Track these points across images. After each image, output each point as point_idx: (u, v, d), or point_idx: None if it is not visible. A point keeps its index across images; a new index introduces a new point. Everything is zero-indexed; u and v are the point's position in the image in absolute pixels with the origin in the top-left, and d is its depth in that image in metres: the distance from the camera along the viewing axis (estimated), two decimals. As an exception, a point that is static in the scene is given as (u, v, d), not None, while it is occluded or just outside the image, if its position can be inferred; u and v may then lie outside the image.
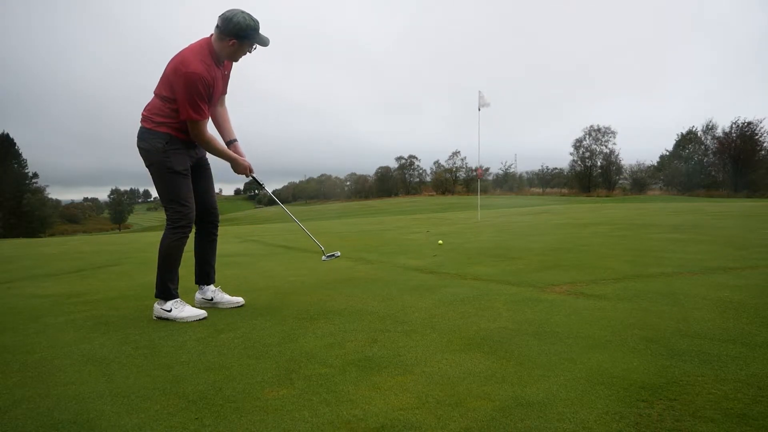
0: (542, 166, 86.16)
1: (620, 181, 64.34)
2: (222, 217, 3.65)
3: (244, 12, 3.07)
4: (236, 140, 3.48)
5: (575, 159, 64.84)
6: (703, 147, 55.88)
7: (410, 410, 1.79)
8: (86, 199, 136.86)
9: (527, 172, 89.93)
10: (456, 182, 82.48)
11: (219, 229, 3.61)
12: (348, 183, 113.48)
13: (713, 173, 53.30)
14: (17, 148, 60.73)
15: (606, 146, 62.96)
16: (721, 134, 52.02)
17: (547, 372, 2.10)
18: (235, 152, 3.40)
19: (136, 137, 3.21)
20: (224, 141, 3.45)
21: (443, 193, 76.36)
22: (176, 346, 2.65)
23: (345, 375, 2.15)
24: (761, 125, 48.32)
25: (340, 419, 1.74)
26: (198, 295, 3.55)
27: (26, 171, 61.53)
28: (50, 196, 69.83)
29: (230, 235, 11.48)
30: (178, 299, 3.24)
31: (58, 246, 10.99)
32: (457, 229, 10.21)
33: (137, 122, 3.23)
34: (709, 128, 54.61)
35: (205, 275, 3.53)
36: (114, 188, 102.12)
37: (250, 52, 3.22)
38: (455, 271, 4.72)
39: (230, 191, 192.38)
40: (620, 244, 6.44)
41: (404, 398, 1.90)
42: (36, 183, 63.01)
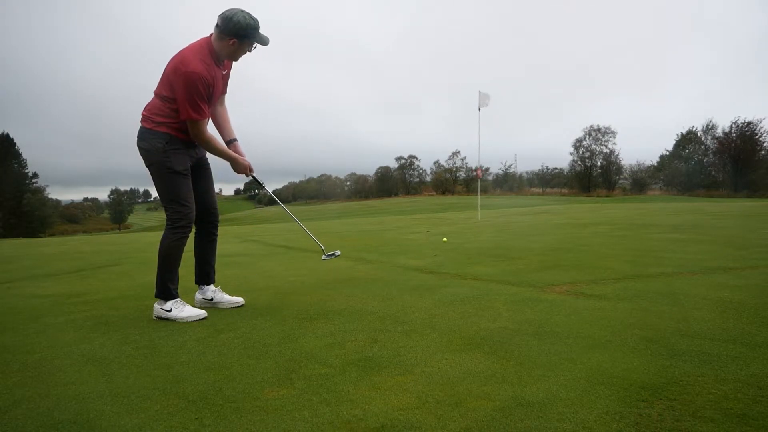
0: (542, 166, 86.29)
1: (620, 181, 64.31)
2: (222, 217, 3.65)
3: (244, 11, 3.08)
4: (236, 140, 3.48)
5: (575, 159, 64.90)
6: (703, 147, 55.88)
7: (410, 410, 1.79)
8: (86, 199, 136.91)
9: (527, 172, 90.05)
10: (456, 182, 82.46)
11: (219, 229, 3.61)
12: (348, 183, 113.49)
13: (713, 173, 53.28)
14: (17, 148, 60.79)
15: (606, 146, 63.05)
16: (721, 134, 52.06)
17: (547, 372, 2.10)
18: (235, 152, 3.40)
19: (136, 137, 3.22)
20: (224, 140, 3.45)
21: (443, 193, 76.33)
22: (176, 346, 2.65)
23: (345, 375, 2.15)
24: (761, 125, 48.38)
25: (340, 419, 1.74)
26: (198, 295, 3.55)
27: (26, 171, 61.55)
28: (50, 196, 69.94)
29: (230, 235, 11.48)
30: (178, 299, 3.24)
31: (58, 246, 10.99)
32: (457, 229, 10.21)
33: (137, 122, 3.23)
34: (709, 128, 54.67)
35: (205, 275, 3.53)
36: (114, 188, 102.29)
37: (250, 52, 3.22)
38: (455, 271, 4.72)
39: (230, 191, 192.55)
40: (620, 244, 6.44)
41: (404, 398, 1.90)
42: (36, 183, 63.09)
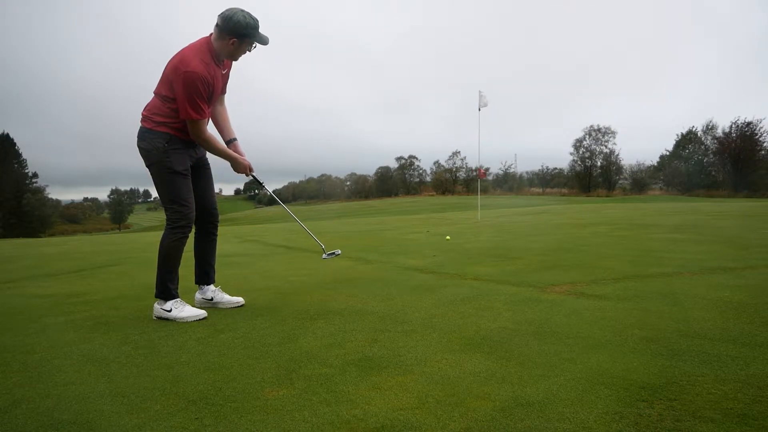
0: (542, 166, 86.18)
1: (620, 181, 64.28)
2: (222, 217, 3.65)
3: (244, 10, 3.07)
4: (236, 139, 3.48)
5: (575, 159, 64.85)
6: (703, 147, 55.83)
7: (410, 410, 1.79)
8: (86, 199, 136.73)
9: (527, 172, 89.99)
10: (456, 182, 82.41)
11: (219, 229, 3.61)
12: (348, 183, 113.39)
13: (713, 173, 53.22)
14: (17, 148, 60.74)
15: (606, 146, 62.99)
16: (721, 134, 52.00)
17: (547, 372, 2.10)
18: (235, 151, 3.40)
19: (136, 137, 3.22)
20: (224, 140, 3.45)
21: (443, 193, 76.28)
22: (176, 346, 2.65)
23: (345, 375, 2.15)
24: (761, 125, 48.30)
25: (340, 419, 1.74)
26: (198, 295, 3.55)
27: (26, 171, 61.49)
28: (50, 196, 69.84)
29: (230, 235, 11.49)
30: (178, 299, 3.24)
31: (58, 246, 10.99)
32: (457, 229, 10.21)
33: (137, 122, 3.23)
34: (709, 128, 54.60)
35: (205, 275, 3.53)
36: (114, 188, 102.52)
37: (250, 51, 3.22)
38: (455, 271, 4.72)
39: (230, 191, 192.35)
40: (620, 244, 6.44)
41: (404, 398, 1.90)
42: (36, 183, 63.01)
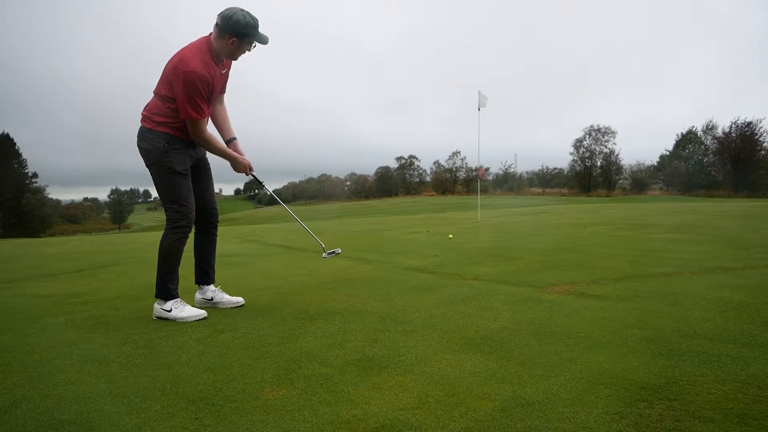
0: (542, 166, 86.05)
1: (620, 181, 64.23)
2: (222, 217, 3.65)
3: (244, 10, 3.07)
4: (235, 139, 3.48)
5: (575, 159, 64.78)
6: (703, 147, 55.80)
7: (410, 410, 1.79)
8: (86, 199, 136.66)
9: (527, 172, 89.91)
10: (456, 182, 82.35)
11: (219, 229, 3.61)
12: (348, 183, 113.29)
13: (713, 173, 53.20)
14: (17, 148, 60.72)
15: (606, 146, 62.92)
16: (721, 134, 51.97)
17: (547, 372, 2.10)
18: (235, 151, 3.40)
19: (136, 137, 3.22)
20: (224, 140, 3.45)
21: (443, 193, 76.20)
22: (176, 346, 2.65)
23: (345, 375, 2.15)
24: (761, 125, 48.27)
25: (340, 419, 1.74)
26: (198, 295, 3.55)
27: (26, 171, 61.45)
28: (50, 196, 69.76)
29: (230, 235, 11.49)
30: (178, 299, 3.24)
31: (58, 246, 10.99)
32: (457, 229, 10.20)
33: (137, 122, 3.23)
34: (709, 128, 54.55)
35: (205, 275, 3.53)
36: (114, 188, 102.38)
37: (250, 51, 3.22)
38: (455, 271, 4.72)
39: (230, 191, 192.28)
40: (620, 244, 6.45)
41: (404, 398, 1.90)
42: (36, 183, 62.97)
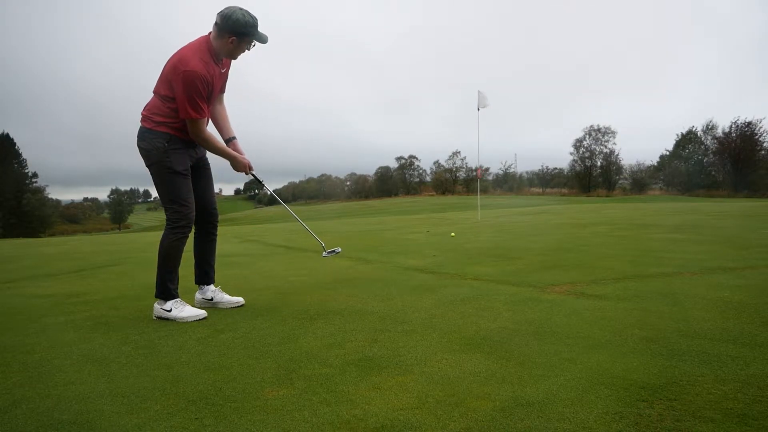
0: (542, 166, 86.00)
1: (620, 181, 64.21)
2: (222, 217, 3.65)
3: (243, 9, 3.07)
4: (235, 138, 3.47)
5: (575, 159, 64.75)
6: (703, 147, 55.79)
7: (410, 410, 1.79)
8: (86, 199, 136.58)
9: (527, 172, 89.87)
10: (456, 182, 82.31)
11: (219, 229, 3.61)
12: (348, 183, 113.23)
13: (713, 173, 53.18)
14: (17, 148, 60.71)
15: (606, 146, 62.91)
16: (721, 134, 51.95)
17: (547, 372, 2.10)
18: (235, 150, 3.40)
19: (136, 137, 3.22)
20: (223, 139, 3.44)
21: (443, 193, 76.17)
22: (176, 346, 2.65)
23: (345, 375, 2.15)
24: (761, 125, 48.26)
25: (340, 419, 1.74)
26: (198, 295, 3.55)
27: (26, 171, 61.44)
28: (50, 196, 69.71)
29: (230, 235, 11.49)
30: (178, 299, 3.24)
31: (58, 246, 10.99)
32: (457, 229, 10.20)
33: (137, 122, 3.23)
34: (709, 128, 54.52)
35: (205, 275, 3.53)
36: (114, 188, 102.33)
37: (249, 50, 3.22)
38: (455, 271, 4.72)
39: (230, 191, 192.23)
40: (620, 244, 6.44)
41: (404, 398, 1.89)
42: (36, 183, 62.96)
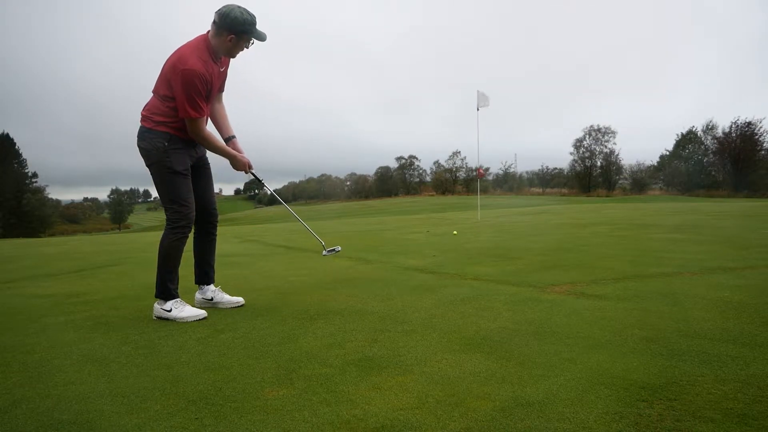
0: (542, 166, 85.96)
1: (620, 181, 64.21)
2: (222, 217, 3.65)
3: (241, 6, 3.07)
4: (234, 137, 3.47)
5: (575, 159, 64.76)
6: (703, 147, 55.78)
7: (410, 410, 1.79)
8: (86, 199, 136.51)
9: (527, 172, 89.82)
10: (456, 182, 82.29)
11: (218, 229, 3.61)
12: (348, 183, 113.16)
13: (713, 173, 53.19)
14: (17, 148, 60.71)
15: (606, 146, 62.92)
16: (721, 134, 51.95)
17: (547, 372, 2.10)
18: (234, 149, 3.40)
19: (136, 137, 3.21)
20: (223, 138, 3.44)
21: (443, 193, 76.14)
22: (176, 346, 2.65)
23: (345, 375, 2.15)
24: (761, 125, 48.26)
25: (340, 419, 1.74)
26: (198, 295, 3.55)
27: (26, 171, 61.43)
28: (50, 196, 69.68)
29: (230, 235, 11.49)
30: (178, 299, 3.24)
31: (58, 246, 11.00)
32: (457, 229, 10.20)
33: (137, 122, 3.23)
34: (709, 128, 54.51)
35: (205, 275, 3.53)
36: (114, 188, 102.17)
37: (248, 48, 3.21)
38: (455, 271, 4.72)
39: (230, 191, 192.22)
40: (620, 244, 6.44)
41: (404, 398, 1.89)
42: (36, 183, 62.95)
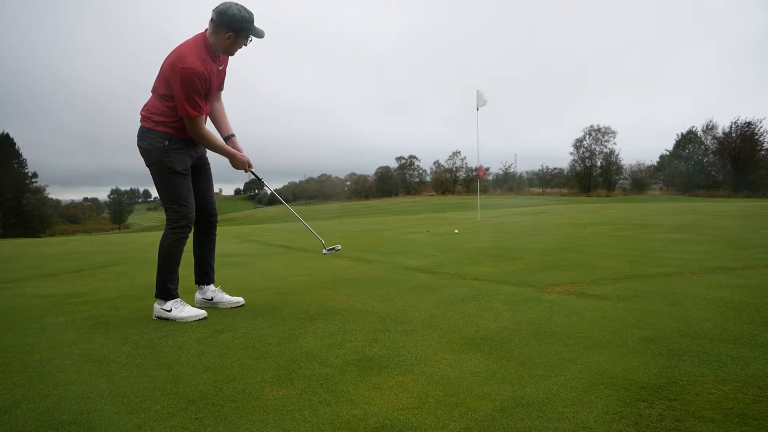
0: (542, 166, 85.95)
1: (620, 181, 64.21)
2: (222, 217, 3.65)
3: (238, 4, 3.07)
4: (234, 135, 3.47)
5: (575, 159, 64.75)
6: (703, 147, 55.79)
7: (410, 410, 1.79)
8: (86, 199, 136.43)
9: (527, 172, 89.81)
10: (456, 182, 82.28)
11: (218, 229, 3.61)
12: (348, 183, 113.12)
13: (713, 173, 53.18)
14: (17, 148, 60.70)
15: (606, 146, 62.92)
16: (721, 134, 51.96)
17: (547, 372, 2.10)
18: (234, 147, 3.40)
19: (136, 137, 3.21)
20: (222, 136, 3.44)
21: (443, 193, 76.13)
22: (176, 346, 2.65)
23: (345, 375, 2.15)
24: (761, 125, 48.27)
25: (340, 419, 1.74)
26: (198, 295, 3.55)
27: (26, 171, 61.41)
28: (50, 196, 69.65)
29: (230, 235, 11.49)
30: (178, 299, 3.24)
31: (58, 246, 11.00)
32: (457, 229, 10.20)
33: (137, 122, 3.23)
34: (709, 128, 54.52)
35: (204, 275, 3.53)
36: (114, 188, 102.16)
37: (246, 45, 3.21)
38: (455, 271, 4.72)
39: (230, 191, 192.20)
40: (620, 244, 6.44)
41: (404, 398, 1.89)
42: (36, 183, 62.94)
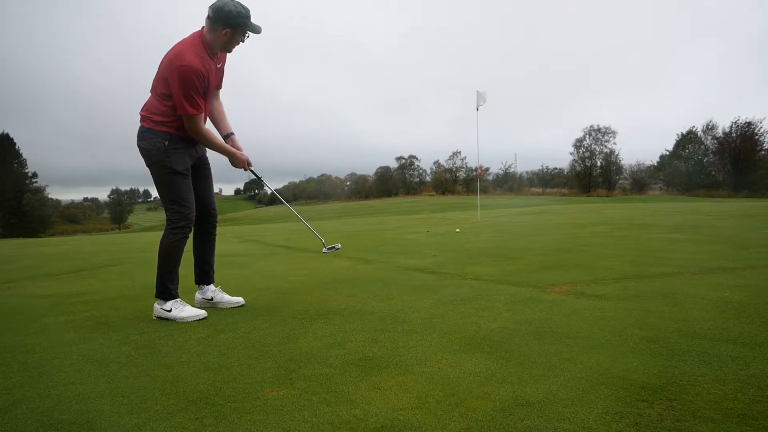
0: (542, 166, 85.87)
1: (620, 181, 64.20)
2: (222, 217, 3.65)
3: (234, 0, 3.07)
4: (233, 134, 3.47)
5: (575, 159, 64.75)
6: (703, 147, 55.78)
7: (410, 410, 1.79)
8: (86, 199, 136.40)
9: (527, 172, 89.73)
10: (456, 182, 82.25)
11: (218, 229, 3.60)
12: (348, 183, 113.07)
13: (713, 173, 53.18)
14: (17, 148, 60.69)
15: (606, 146, 62.91)
16: (721, 134, 51.95)
17: (547, 372, 2.10)
18: (233, 146, 3.39)
19: (136, 137, 3.21)
20: (221, 135, 3.43)
21: (443, 193, 76.10)
22: (176, 346, 2.65)
23: (345, 375, 2.15)
24: (761, 125, 48.27)
25: (340, 419, 1.74)
26: (198, 295, 3.55)
27: (26, 171, 61.39)
28: (50, 196, 69.62)
29: (230, 235, 11.49)
30: (178, 299, 3.24)
31: (58, 246, 11.00)
32: (458, 228, 10.20)
33: (137, 122, 3.23)
34: (709, 128, 54.52)
35: (204, 275, 3.53)
36: (114, 188, 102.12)
37: (243, 42, 3.21)
38: (455, 271, 4.72)
39: (230, 191, 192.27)
40: (620, 244, 6.44)
41: (404, 398, 1.90)
42: (36, 183, 62.92)
